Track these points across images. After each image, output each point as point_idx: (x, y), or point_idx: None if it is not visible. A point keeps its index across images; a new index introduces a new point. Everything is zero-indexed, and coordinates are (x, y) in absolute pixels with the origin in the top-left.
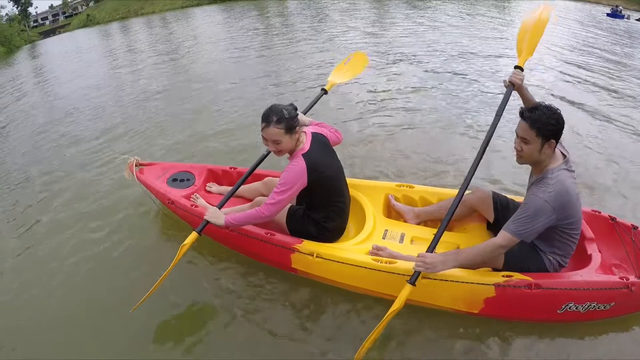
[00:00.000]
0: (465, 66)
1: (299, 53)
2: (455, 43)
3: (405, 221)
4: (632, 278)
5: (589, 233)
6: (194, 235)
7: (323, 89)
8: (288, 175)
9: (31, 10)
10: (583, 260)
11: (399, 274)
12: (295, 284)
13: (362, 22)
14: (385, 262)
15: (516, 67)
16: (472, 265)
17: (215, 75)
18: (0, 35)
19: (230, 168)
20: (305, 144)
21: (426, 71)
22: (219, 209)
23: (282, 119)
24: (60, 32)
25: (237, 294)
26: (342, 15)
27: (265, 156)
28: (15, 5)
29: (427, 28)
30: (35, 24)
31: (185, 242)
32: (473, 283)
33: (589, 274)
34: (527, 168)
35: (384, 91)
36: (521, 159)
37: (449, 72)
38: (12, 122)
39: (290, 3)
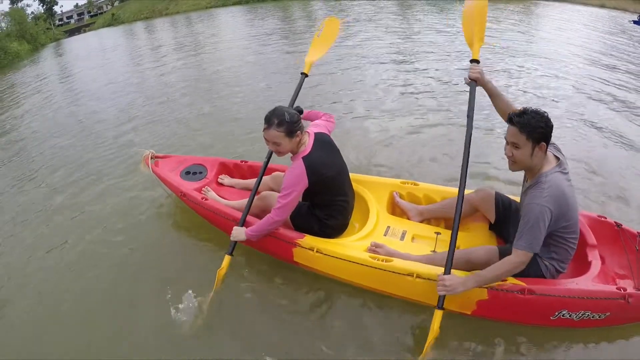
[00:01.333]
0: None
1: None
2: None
3: (408, 218)
4: (630, 289)
5: (591, 239)
6: (227, 258)
7: (302, 73)
8: (289, 179)
9: (56, 8)
10: (583, 266)
11: (393, 272)
12: (300, 278)
13: (386, 23)
14: (382, 260)
15: (472, 60)
16: (491, 283)
17: (238, 73)
18: (26, 33)
19: (242, 162)
20: (308, 145)
21: (446, 70)
22: (240, 226)
23: (283, 122)
24: (85, 31)
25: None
26: (366, 15)
27: (272, 153)
28: (41, 4)
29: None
30: (60, 23)
31: (222, 266)
32: None
33: (585, 283)
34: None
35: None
36: (514, 165)
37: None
38: (37, 117)
39: (315, 4)
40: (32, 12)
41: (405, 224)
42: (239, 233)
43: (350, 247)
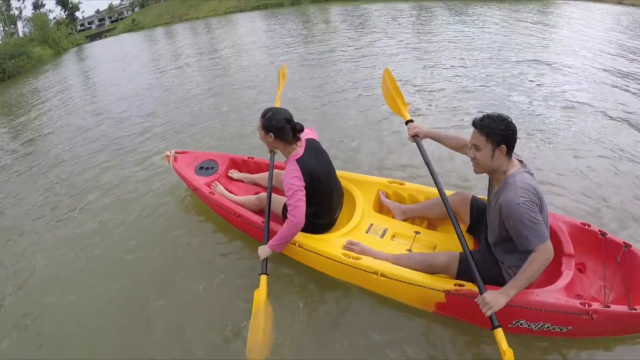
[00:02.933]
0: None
1: (338, 58)
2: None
3: (392, 217)
4: (596, 305)
5: (568, 248)
6: (263, 278)
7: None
8: (288, 181)
9: (78, 14)
10: (556, 276)
11: (360, 269)
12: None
13: (403, 28)
14: (353, 258)
15: (406, 122)
16: (530, 280)
17: (255, 78)
18: (48, 38)
19: (249, 158)
20: (300, 150)
21: (460, 75)
22: (265, 244)
23: (263, 115)
24: (106, 36)
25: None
26: (383, 20)
27: (274, 154)
28: (63, 10)
29: (465, 34)
30: (82, 28)
31: (260, 287)
32: (425, 287)
33: (546, 295)
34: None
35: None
36: (477, 167)
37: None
38: (59, 121)
39: (334, 9)
40: (54, 18)
41: (388, 222)
42: (264, 251)
43: (330, 243)
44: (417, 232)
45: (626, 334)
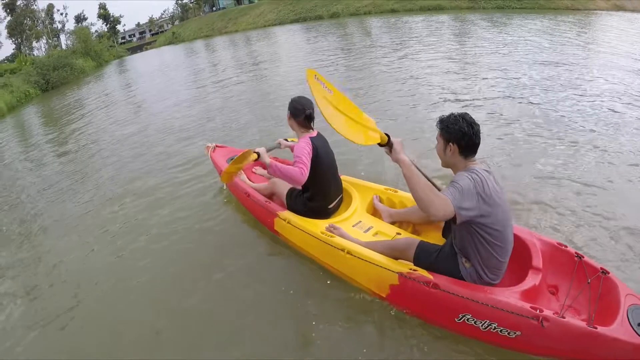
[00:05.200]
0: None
1: (376, 70)
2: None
3: (382, 219)
4: (549, 312)
5: (537, 262)
6: (254, 156)
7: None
8: (298, 148)
9: (119, 27)
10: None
11: (330, 245)
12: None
13: (441, 40)
14: (328, 236)
15: (385, 144)
16: (415, 189)
17: (295, 89)
18: (90, 50)
19: (273, 158)
20: (312, 133)
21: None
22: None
23: (291, 101)
24: (146, 49)
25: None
26: (422, 33)
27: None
28: (105, 23)
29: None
30: (123, 41)
31: (254, 151)
32: (383, 267)
33: (499, 293)
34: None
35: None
36: (440, 160)
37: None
38: (103, 127)
39: (371, 21)
40: (96, 31)
41: (375, 222)
42: (266, 157)
43: (315, 224)
44: (399, 233)
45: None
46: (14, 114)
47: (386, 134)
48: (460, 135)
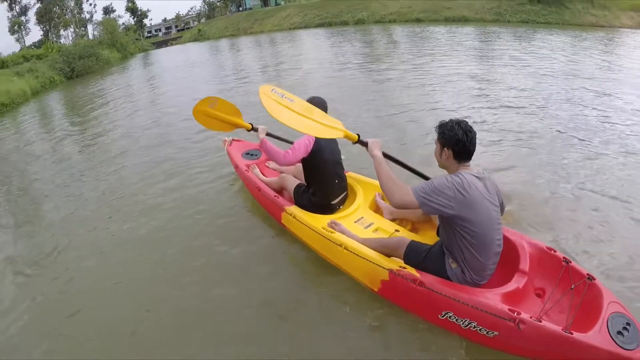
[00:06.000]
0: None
1: (396, 78)
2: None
3: (382, 216)
4: (526, 316)
5: (524, 265)
6: (249, 126)
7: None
8: (298, 141)
9: (146, 21)
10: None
11: (330, 240)
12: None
13: (464, 52)
14: (329, 231)
15: (356, 142)
16: (380, 179)
17: (315, 92)
18: (116, 42)
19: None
20: None
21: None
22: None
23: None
24: (172, 44)
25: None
26: (444, 43)
27: None
28: (132, 16)
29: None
30: (149, 35)
31: (245, 122)
32: (375, 264)
33: (480, 294)
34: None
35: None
36: (437, 161)
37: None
38: (125, 117)
39: (396, 28)
40: (123, 23)
41: (376, 218)
42: (261, 131)
43: (318, 219)
44: (397, 230)
45: None
46: (37, 99)
47: (357, 134)
48: (454, 142)
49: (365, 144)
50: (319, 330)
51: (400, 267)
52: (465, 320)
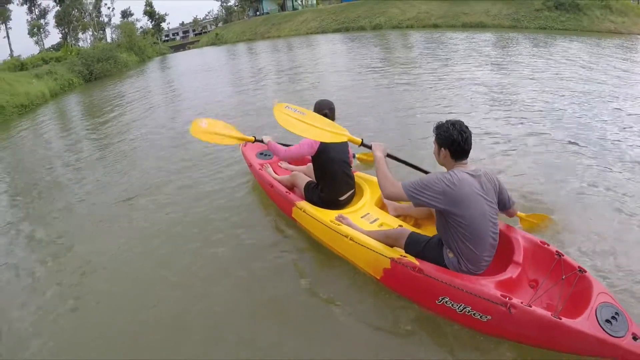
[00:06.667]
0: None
1: (408, 83)
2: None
3: (388, 212)
4: (517, 301)
5: (517, 257)
6: (251, 139)
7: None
8: (302, 141)
9: (164, 25)
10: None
11: (337, 232)
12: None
13: (486, 57)
14: (336, 224)
15: (361, 145)
16: (377, 176)
17: (329, 97)
18: (134, 45)
19: None
20: None
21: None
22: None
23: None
24: (189, 48)
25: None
26: (461, 50)
27: None
28: (150, 20)
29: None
30: (166, 38)
31: (246, 138)
32: (378, 253)
33: (475, 280)
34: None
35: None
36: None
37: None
38: (142, 119)
39: (413, 34)
40: (141, 27)
41: (382, 214)
42: (266, 137)
43: (327, 214)
44: (400, 226)
45: (554, 349)
46: (56, 101)
47: (361, 138)
48: (450, 142)
49: (369, 147)
50: (320, 330)
51: (401, 255)
52: (461, 305)
